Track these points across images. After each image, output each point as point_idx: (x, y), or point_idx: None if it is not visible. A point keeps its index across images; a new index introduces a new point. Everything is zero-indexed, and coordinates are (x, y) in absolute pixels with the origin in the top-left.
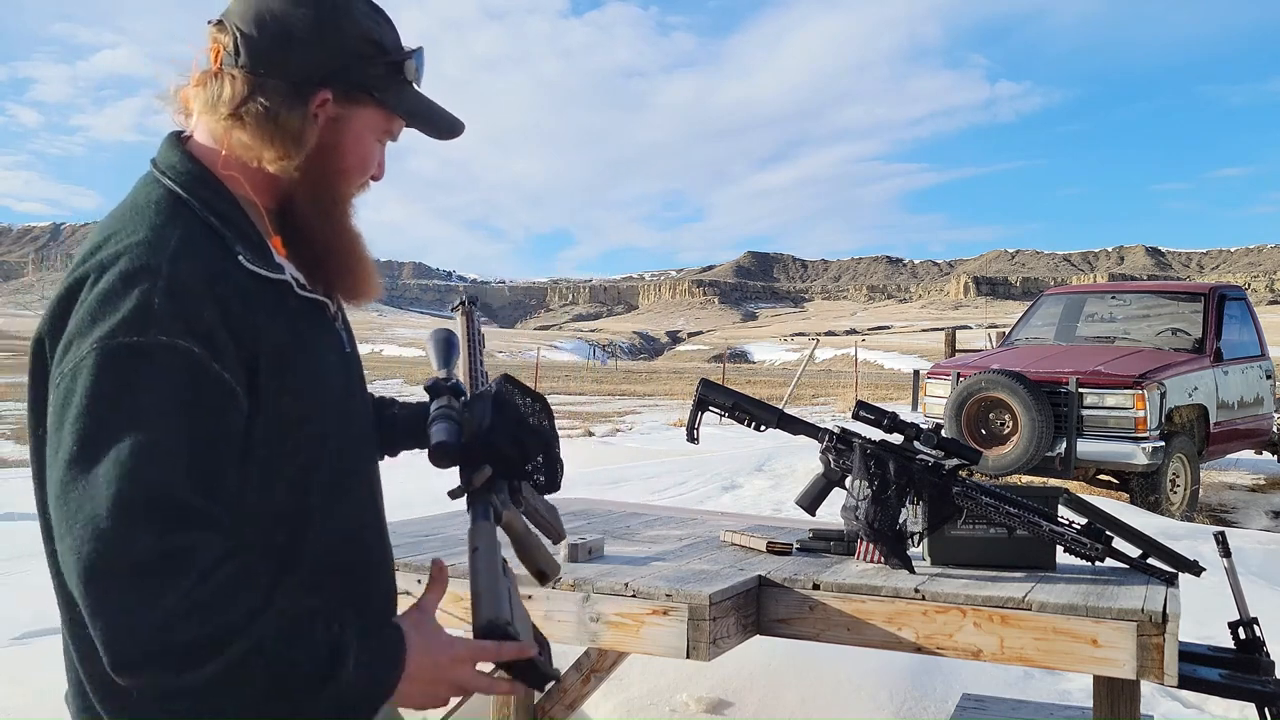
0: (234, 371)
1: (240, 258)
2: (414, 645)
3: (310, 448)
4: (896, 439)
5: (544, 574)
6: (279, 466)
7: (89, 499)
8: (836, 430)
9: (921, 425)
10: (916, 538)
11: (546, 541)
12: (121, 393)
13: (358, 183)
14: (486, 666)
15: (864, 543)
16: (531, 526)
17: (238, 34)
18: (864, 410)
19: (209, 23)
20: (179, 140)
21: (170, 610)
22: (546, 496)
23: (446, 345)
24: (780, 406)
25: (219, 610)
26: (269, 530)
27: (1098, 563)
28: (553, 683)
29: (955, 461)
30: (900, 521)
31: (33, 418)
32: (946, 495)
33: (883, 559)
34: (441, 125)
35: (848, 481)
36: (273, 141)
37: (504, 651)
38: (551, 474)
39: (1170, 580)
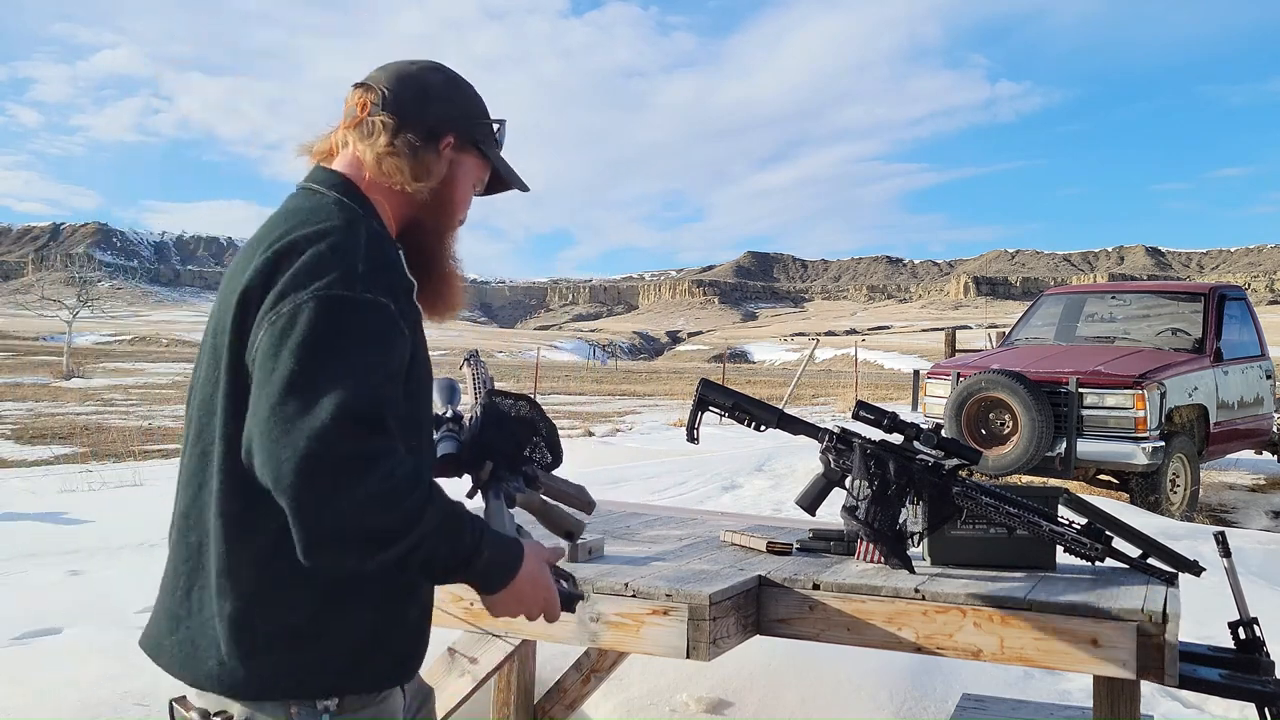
0: (408, 326)
1: (400, 252)
2: (528, 556)
3: (417, 400)
4: (896, 439)
5: (571, 533)
6: (412, 406)
7: (307, 410)
8: (836, 430)
9: (921, 425)
10: (916, 538)
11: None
12: (336, 331)
13: (460, 217)
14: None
15: (864, 543)
16: (559, 504)
17: (385, 91)
18: (864, 410)
19: (353, 86)
20: (327, 170)
21: (364, 500)
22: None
23: (450, 389)
24: (780, 406)
25: (400, 503)
26: (414, 446)
27: (1098, 563)
28: (580, 601)
29: (955, 461)
30: (900, 522)
31: (219, 355)
32: (947, 495)
33: (883, 559)
34: (515, 180)
35: (848, 481)
36: (414, 169)
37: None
38: (553, 450)
39: (1170, 580)
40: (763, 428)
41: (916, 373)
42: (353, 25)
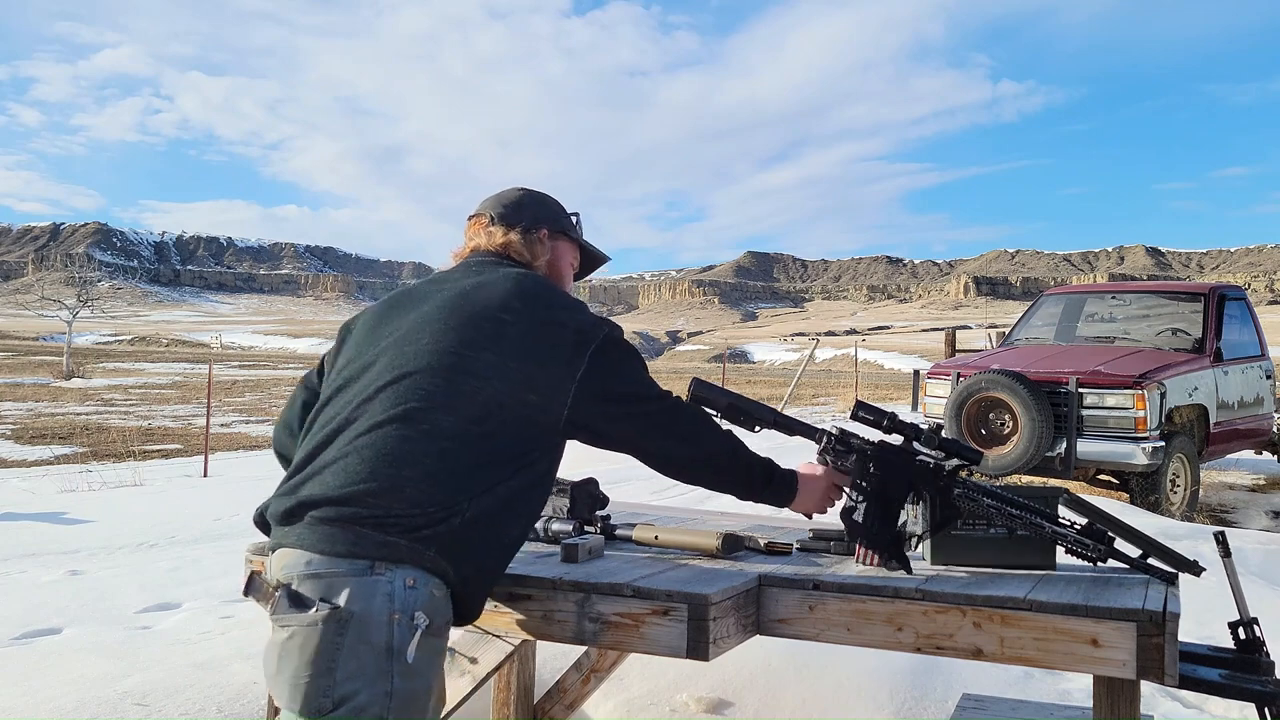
0: None
1: None
2: (801, 473)
3: None
4: (896, 440)
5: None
6: None
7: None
8: (834, 431)
9: (921, 425)
10: (916, 540)
11: None
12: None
13: (568, 285)
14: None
15: (862, 545)
16: None
17: (492, 214)
18: (863, 410)
19: (469, 218)
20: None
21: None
22: None
23: None
24: (779, 407)
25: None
26: None
27: (1099, 563)
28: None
29: (956, 462)
30: (900, 524)
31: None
32: (947, 497)
33: (880, 564)
34: (598, 255)
35: (846, 483)
36: (526, 254)
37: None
38: None
39: (1170, 580)
40: (757, 428)
41: (916, 373)
42: (353, 24)
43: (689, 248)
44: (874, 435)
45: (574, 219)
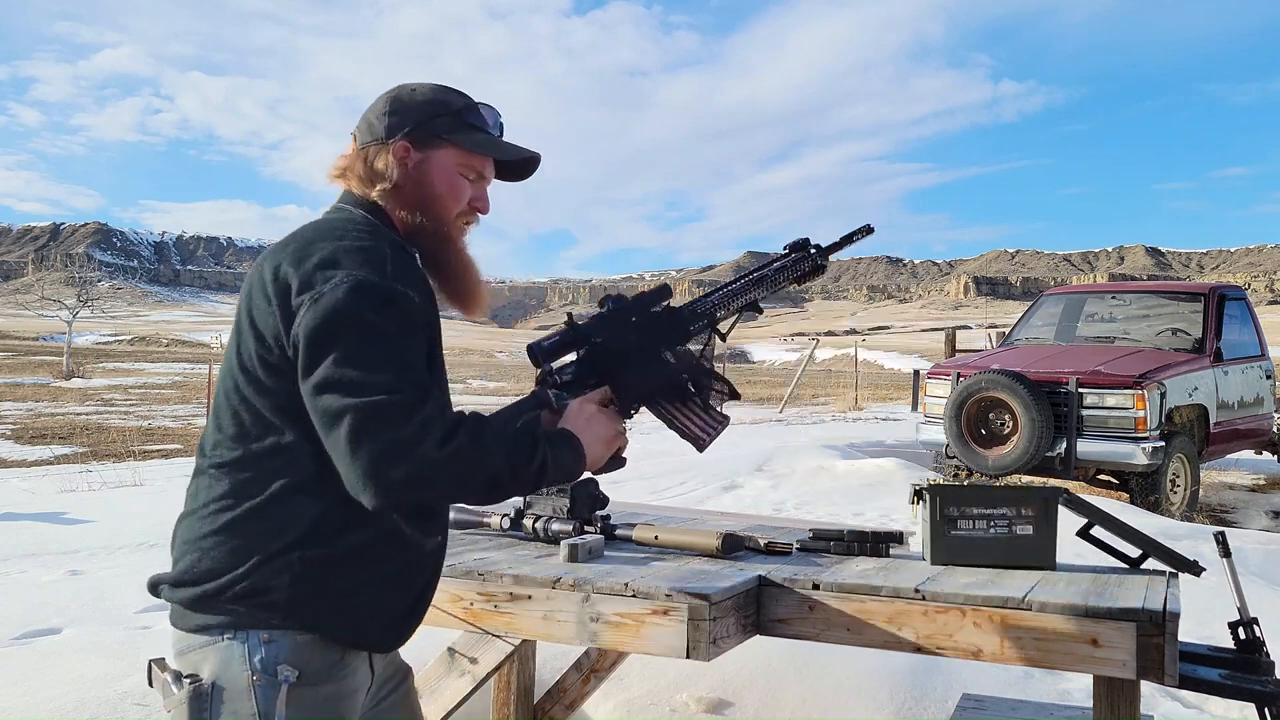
0: (429, 317)
1: (417, 259)
2: (581, 430)
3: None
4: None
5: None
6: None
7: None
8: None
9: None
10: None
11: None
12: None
13: (452, 210)
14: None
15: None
16: None
17: (355, 136)
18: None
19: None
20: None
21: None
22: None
23: None
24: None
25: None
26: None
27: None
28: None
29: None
30: (692, 362)
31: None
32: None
33: (710, 421)
34: (501, 150)
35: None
36: (369, 175)
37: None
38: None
39: (1170, 580)
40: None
41: (916, 373)
42: (354, 24)
43: (689, 248)
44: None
45: (470, 112)
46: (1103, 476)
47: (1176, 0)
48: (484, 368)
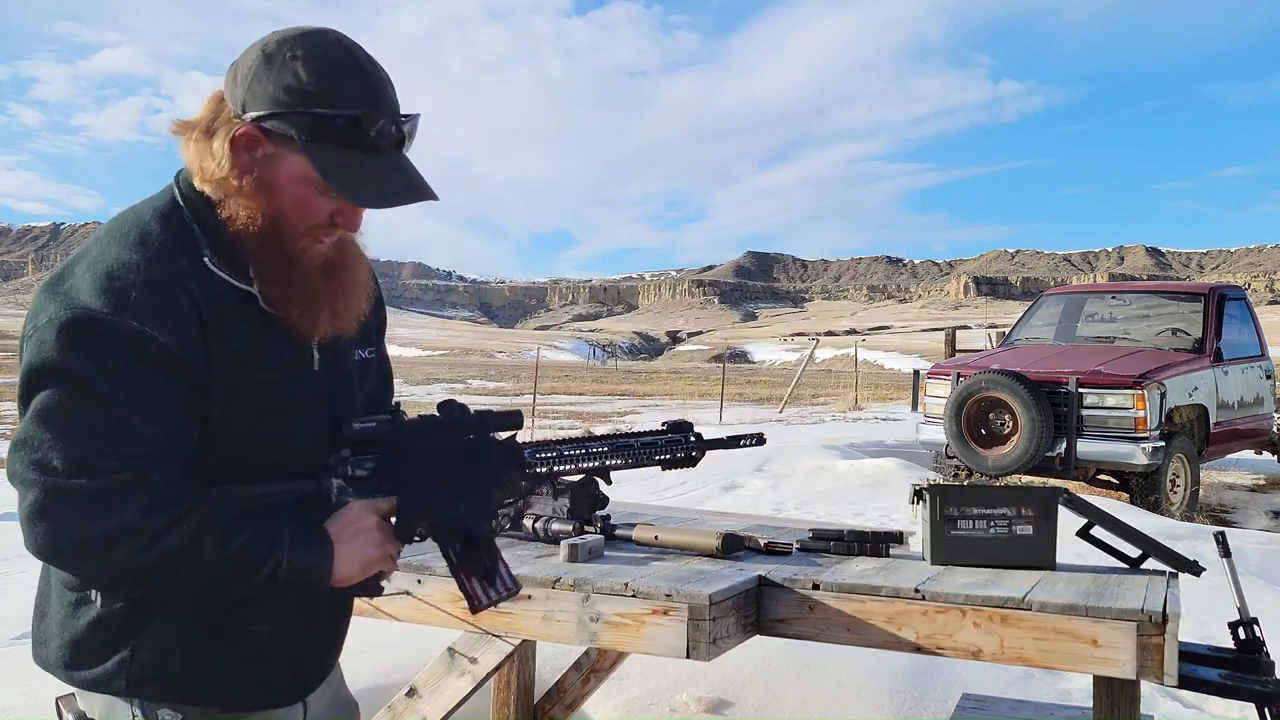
0: (188, 351)
1: (207, 261)
2: (342, 541)
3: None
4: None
5: None
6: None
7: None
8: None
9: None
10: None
11: None
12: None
13: (299, 226)
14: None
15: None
16: None
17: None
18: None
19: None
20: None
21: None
22: None
23: None
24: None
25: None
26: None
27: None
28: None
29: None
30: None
31: None
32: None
33: (491, 596)
34: (366, 200)
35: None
36: (194, 177)
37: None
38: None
39: (1170, 580)
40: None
41: (916, 373)
42: (355, 24)
43: (689, 248)
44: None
45: (348, 125)
46: (1103, 476)
47: (1177, 1)
48: (484, 368)
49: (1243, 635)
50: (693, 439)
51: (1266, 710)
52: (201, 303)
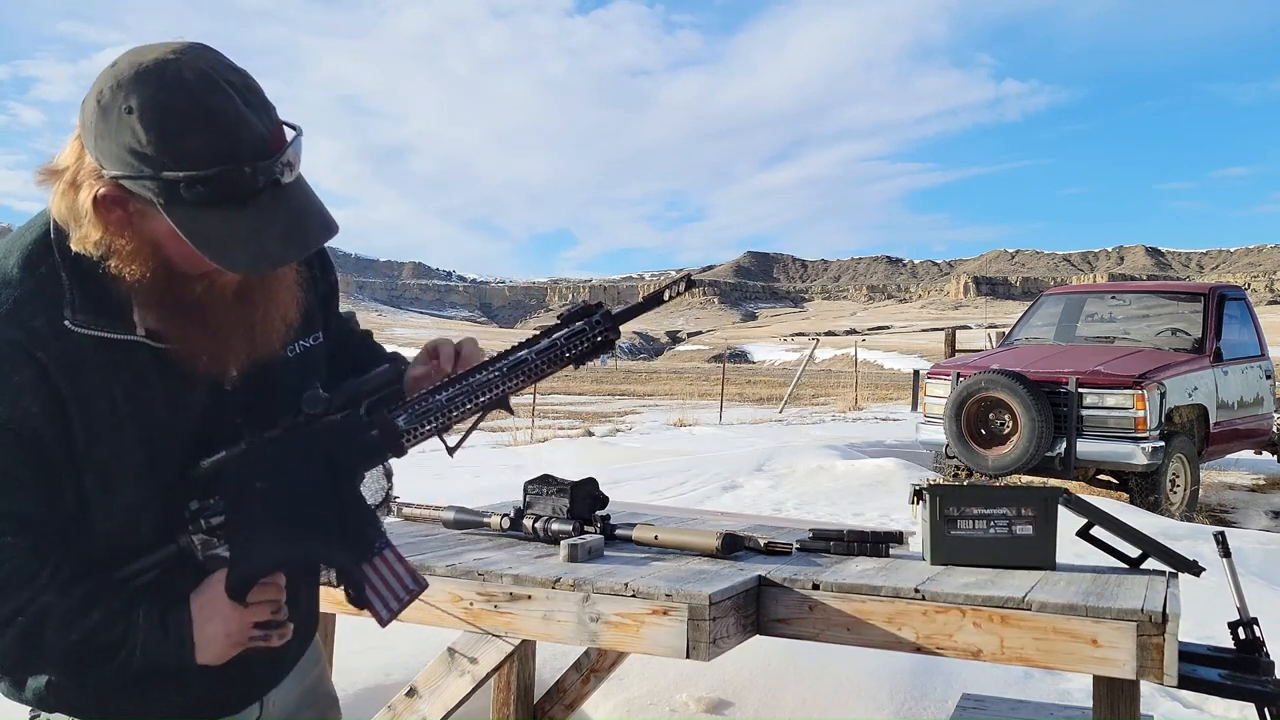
0: (32, 425)
1: (68, 324)
2: (199, 621)
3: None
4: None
5: None
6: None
7: None
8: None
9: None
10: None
11: None
12: None
13: (196, 269)
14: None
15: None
16: None
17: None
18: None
19: None
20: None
21: None
22: None
23: None
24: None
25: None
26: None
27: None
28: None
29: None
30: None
31: None
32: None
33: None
34: (237, 264)
35: None
36: (72, 214)
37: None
38: None
39: (1170, 580)
40: None
41: (916, 373)
42: (356, 23)
43: (689, 248)
44: None
45: (206, 184)
46: (1103, 476)
47: (1180, 1)
48: None
49: (1243, 635)
50: (598, 320)
51: (1266, 710)
52: (54, 371)
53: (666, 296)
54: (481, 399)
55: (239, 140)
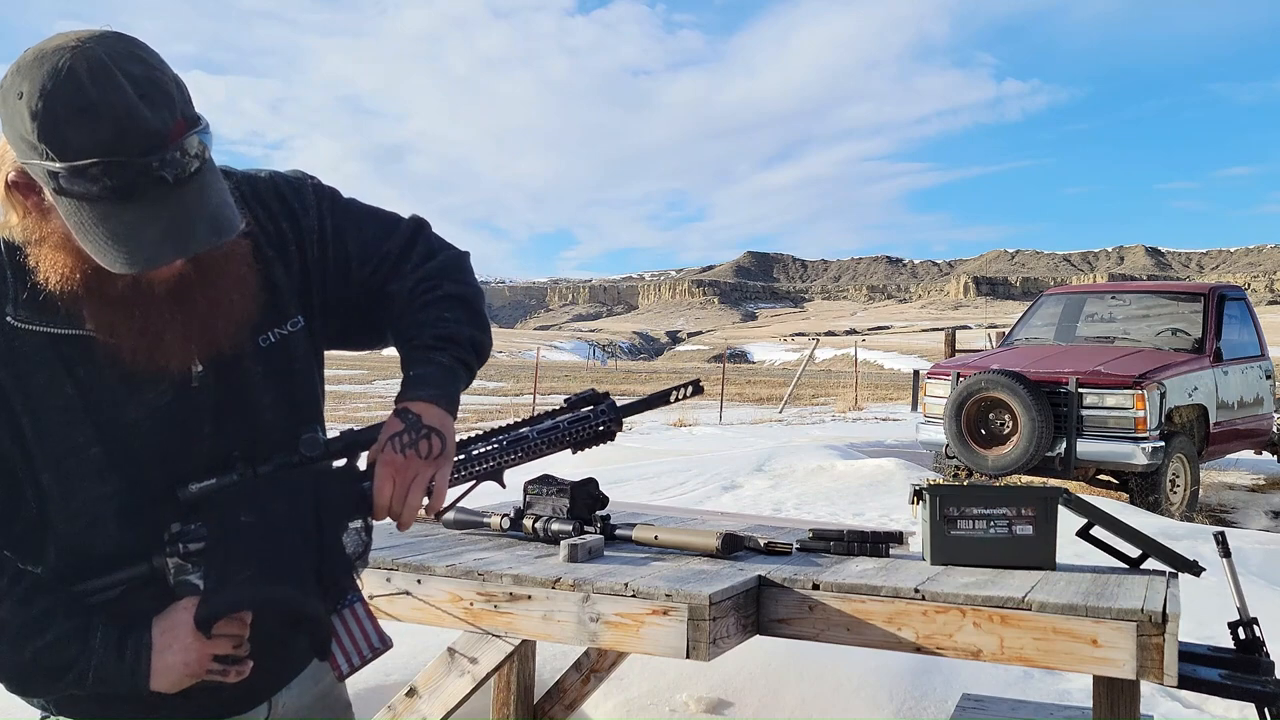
0: None
1: (10, 320)
2: (158, 648)
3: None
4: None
5: None
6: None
7: None
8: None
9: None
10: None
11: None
12: None
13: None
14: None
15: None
16: None
17: None
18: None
19: None
20: None
21: None
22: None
23: None
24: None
25: None
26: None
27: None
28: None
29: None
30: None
31: None
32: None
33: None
34: (115, 263)
35: None
36: None
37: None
38: None
39: (1170, 580)
40: None
41: (916, 373)
42: (357, 23)
43: (689, 247)
44: None
45: (85, 164)
46: (1103, 476)
47: (1182, 0)
48: (484, 367)
49: (1243, 635)
50: (603, 410)
51: (1266, 710)
52: None
53: (673, 398)
54: (477, 469)
55: (124, 133)
